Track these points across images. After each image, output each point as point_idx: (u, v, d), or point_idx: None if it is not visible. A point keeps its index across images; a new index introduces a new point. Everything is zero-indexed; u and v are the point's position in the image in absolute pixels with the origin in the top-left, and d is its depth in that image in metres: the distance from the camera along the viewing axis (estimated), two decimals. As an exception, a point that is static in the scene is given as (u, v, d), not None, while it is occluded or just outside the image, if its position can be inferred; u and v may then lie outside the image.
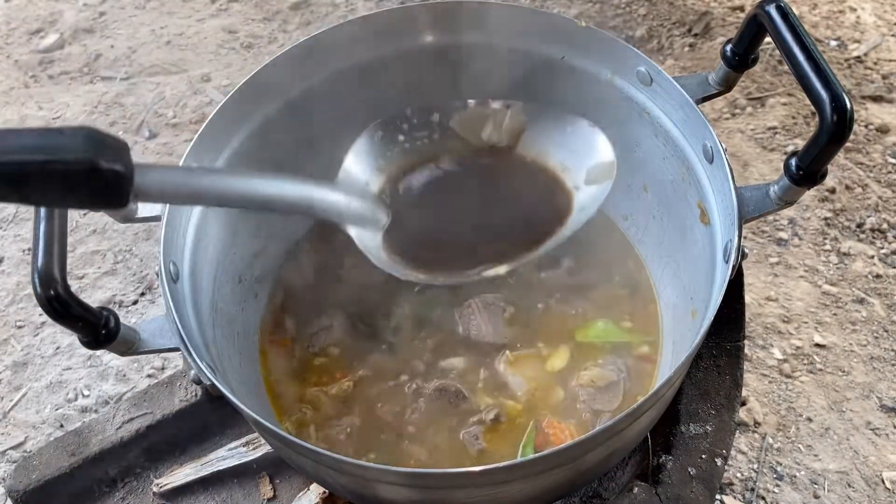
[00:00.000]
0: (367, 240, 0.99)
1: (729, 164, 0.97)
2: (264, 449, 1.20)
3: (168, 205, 0.99)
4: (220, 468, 1.21)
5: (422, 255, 1.01)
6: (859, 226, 1.78)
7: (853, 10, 2.28)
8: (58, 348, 1.66)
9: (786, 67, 2.02)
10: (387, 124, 1.06)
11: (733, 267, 0.92)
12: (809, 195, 1.81)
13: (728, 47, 1.04)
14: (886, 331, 1.61)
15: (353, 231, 0.98)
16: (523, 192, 1.06)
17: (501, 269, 1.01)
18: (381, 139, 1.02)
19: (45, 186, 0.65)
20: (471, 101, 1.09)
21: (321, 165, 1.30)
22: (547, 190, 1.05)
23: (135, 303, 1.74)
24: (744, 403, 1.49)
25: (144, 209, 1.02)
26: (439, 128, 1.06)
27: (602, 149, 1.04)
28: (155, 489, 1.22)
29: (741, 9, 2.28)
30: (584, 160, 1.04)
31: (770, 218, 1.79)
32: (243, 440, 1.22)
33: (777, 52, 0.96)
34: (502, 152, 1.06)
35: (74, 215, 1.87)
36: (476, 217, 1.05)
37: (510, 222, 1.06)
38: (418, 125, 1.07)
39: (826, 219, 1.79)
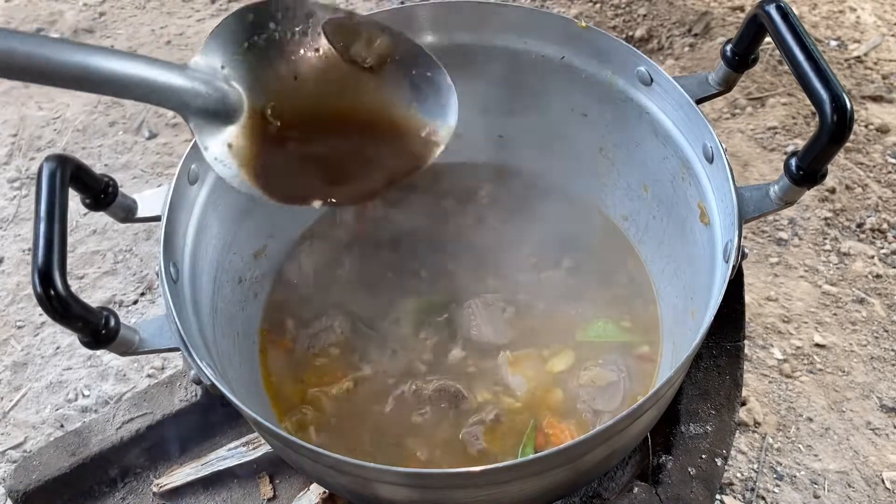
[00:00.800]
0: (209, 139, 0.93)
1: (729, 164, 0.97)
2: (264, 449, 1.20)
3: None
4: (220, 468, 1.21)
5: (270, 170, 0.96)
6: (859, 226, 1.78)
7: (853, 10, 2.28)
8: (58, 348, 1.66)
9: (786, 67, 2.02)
10: (260, 8, 0.98)
11: (733, 267, 0.92)
12: (809, 195, 1.81)
13: (728, 47, 1.04)
14: (886, 331, 1.61)
15: (192, 123, 0.91)
16: (379, 124, 1.02)
17: (342, 200, 0.98)
18: (252, 22, 0.96)
19: None
20: (353, 13, 1.03)
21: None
22: (398, 130, 1.02)
23: (135, 303, 1.74)
24: (744, 403, 1.49)
25: (144, 209, 1.02)
26: (311, 28, 0.99)
27: (450, 112, 1.02)
28: (155, 489, 1.22)
29: (741, 9, 2.28)
30: (430, 112, 1.02)
31: (770, 218, 1.79)
32: (243, 440, 1.22)
33: (777, 52, 0.96)
34: (364, 73, 1.02)
35: (74, 215, 1.87)
36: (330, 138, 1.00)
37: (361, 151, 1.01)
38: (293, 18, 1.00)
39: (826, 219, 1.79)
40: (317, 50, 1.00)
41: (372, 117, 1.01)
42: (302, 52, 1.00)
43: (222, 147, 0.94)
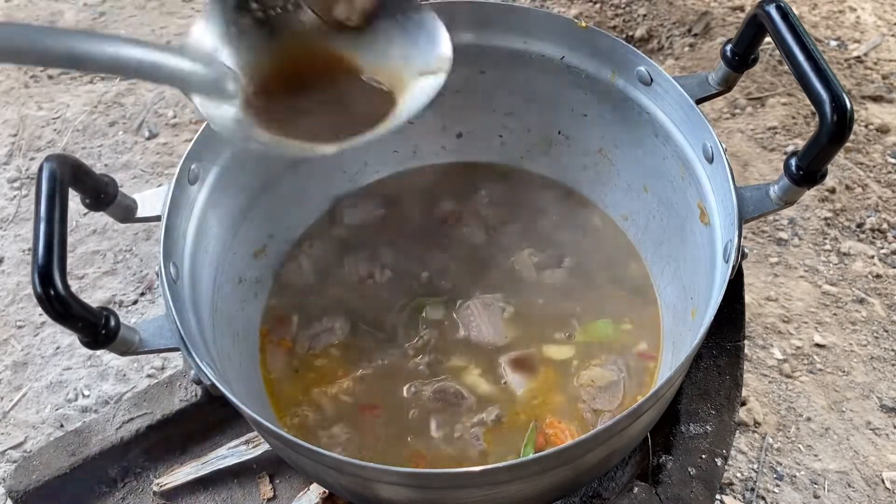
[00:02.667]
0: (213, 109, 0.95)
1: (729, 164, 0.97)
2: (265, 447, 1.20)
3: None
4: (221, 467, 1.20)
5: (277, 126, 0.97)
6: (859, 226, 1.77)
7: (853, 10, 2.28)
8: (58, 348, 1.66)
9: (786, 67, 2.02)
10: None
11: (733, 267, 0.92)
12: (809, 195, 1.81)
13: (728, 47, 1.04)
14: (886, 331, 1.61)
15: (197, 99, 0.94)
16: (365, 74, 1.04)
17: (352, 142, 0.99)
18: (233, 5, 0.98)
19: None
20: None
21: (321, 164, 1.31)
22: (387, 75, 1.03)
23: (135, 303, 1.74)
24: (744, 403, 1.49)
25: (144, 209, 1.02)
26: (290, 1, 1.03)
27: (442, 42, 1.03)
28: (155, 488, 1.21)
29: (741, 9, 2.28)
30: (424, 51, 1.03)
31: (770, 218, 1.79)
32: (243, 439, 1.22)
33: (777, 52, 0.96)
34: (350, 34, 1.04)
35: (74, 215, 1.87)
36: (322, 94, 1.01)
37: (351, 102, 1.02)
38: None
39: (826, 219, 1.79)
40: (301, 22, 1.01)
41: (370, 71, 1.02)
42: (287, 27, 1.01)
43: (227, 120, 0.96)
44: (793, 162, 0.91)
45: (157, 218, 1.00)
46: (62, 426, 1.54)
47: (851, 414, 1.49)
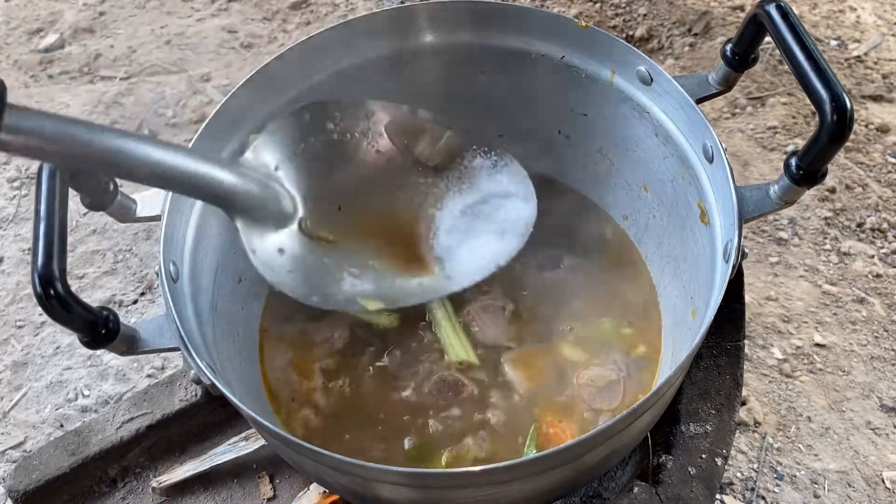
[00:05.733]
0: (257, 239, 0.86)
1: (729, 164, 0.97)
2: (263, 442, 1.20)
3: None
4: (220, 462, 1.20)
5: (321, 277, 0.88)
6: (859, 225, 1.78)
7: (853, 9, 2.28)
8: (58, 348, 1.66)
9: (786, 67, 2.02)
10: (317, 107, 0.92)
11: (733, 267, 0.92)
12: (809, 195, 1.81)
13: (728, 47, 1.04)
14: (886, 330, 1.61)
15: (240, 224, 0.84)
16: (442, 217, 0.97)
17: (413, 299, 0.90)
18: (309, 122, 0.89)
19: None
20: (416, 110, 0.98)
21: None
22: (465, 223, 0.96)
23: (135, 303, 1.74)
24: (744, 403, 1.49)
25: (144, 209, 1.02)
26: (372, 127, 0.94)
27: (528, 206, 0.94)
28: (155, 485, 1.22)
29: (741, 8, 2.28)
30: (502, 209, 0.96)
31: (770, 218, 1.79)
32: (242, 435, 1.22)
33: (777, 51, 0.96)
34: (428, 171, 0.96)
35: (74, 215, 1.87)
36: (394, 242, 0.95)
37: (407, 249, 0.96)
38: (351, 117, 0.94)
39: (826, 218, 1.79)
40: (377, 151, 0.93)
41: (437, 220, 0.96)
42: (361, 154, 0.93)
43: (273, 252, 0.88)
44: (793, 161, 0.91)
45: (157, 218, 1.00)
46: (62, 426, 1.54)
47: (851, 414, 1.49)
